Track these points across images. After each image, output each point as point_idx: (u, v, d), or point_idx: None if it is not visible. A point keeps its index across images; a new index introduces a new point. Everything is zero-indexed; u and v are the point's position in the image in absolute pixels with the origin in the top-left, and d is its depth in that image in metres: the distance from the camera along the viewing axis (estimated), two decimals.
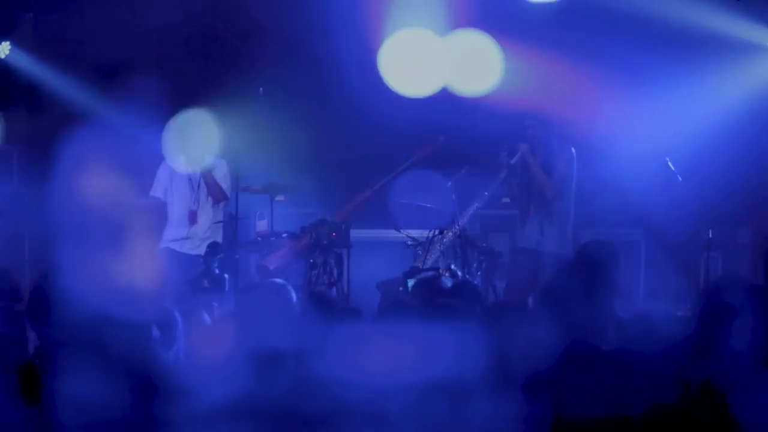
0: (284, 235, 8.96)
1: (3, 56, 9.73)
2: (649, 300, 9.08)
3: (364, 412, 3.85)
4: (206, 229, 8.65)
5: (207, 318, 5.25)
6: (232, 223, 8.47)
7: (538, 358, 3.79)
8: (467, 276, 8.44)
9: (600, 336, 4.27)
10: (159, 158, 8.76)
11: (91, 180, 8.41)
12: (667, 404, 3.54)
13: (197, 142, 8.64)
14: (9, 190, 9.75)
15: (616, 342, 4.47)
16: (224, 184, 8.67)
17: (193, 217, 8.63)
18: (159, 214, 8.74)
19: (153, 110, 8.83)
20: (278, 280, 7.96)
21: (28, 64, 9.87)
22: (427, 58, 9.78)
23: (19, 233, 9.23)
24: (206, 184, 8.62)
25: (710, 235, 8.94)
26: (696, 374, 3.67)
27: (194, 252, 8.60)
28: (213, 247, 8.35)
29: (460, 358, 4.16)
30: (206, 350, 4.12)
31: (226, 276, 8.26)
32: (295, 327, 4.69)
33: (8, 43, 9.70)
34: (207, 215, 8.68)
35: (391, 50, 9.84)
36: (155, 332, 4.29)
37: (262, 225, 9.03)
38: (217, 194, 8.64)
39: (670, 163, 8.77)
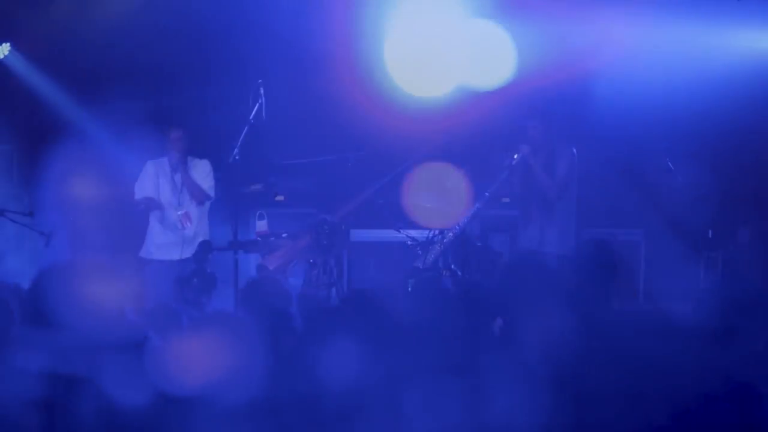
0: (284, 235, 8.96)
1: (2, 57, 9.72)
2: (649, 300, 9.08)
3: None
4: (194, 231, 8.56)
5: (204, 318, 5.26)
6: (232, 222, 8.44)
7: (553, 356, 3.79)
8: (467, 275, 8.44)
9: (600, 333, 4.28)
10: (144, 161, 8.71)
11: (84, 183, 8.39)
12: (690, 402, 3.55)
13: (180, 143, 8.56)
14: (9, 190, 9.74)
15: (616, 340, 4.47)
16: (206, 183, 8.60)
17: (180, 220, 8.54)
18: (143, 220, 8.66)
19: (143, 114, 8.82)
20: (278, 279, 8.00)
21: (27, 66, 9.86)
22: (438, 54, 9.37)
23: (19, 233, 9.22)
24: (185, 184, 8.54)
25: (710, 235, 8.95)
26: (717, 371, 3.68)
27: (184, 256, 8.47)
28: (204, 246, 8.30)
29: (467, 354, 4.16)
30: (209, 350, 4.10)
31: (217, 275, 8.24)
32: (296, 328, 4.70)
33: (8, 44, 9.68)
34: (193, 217, 8.61)
35: (398, 46, 9.54)
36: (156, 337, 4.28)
37: (262, 225, 9.02)
38: (197, 194, 8.56)
39: (670, 164, 8.78)
